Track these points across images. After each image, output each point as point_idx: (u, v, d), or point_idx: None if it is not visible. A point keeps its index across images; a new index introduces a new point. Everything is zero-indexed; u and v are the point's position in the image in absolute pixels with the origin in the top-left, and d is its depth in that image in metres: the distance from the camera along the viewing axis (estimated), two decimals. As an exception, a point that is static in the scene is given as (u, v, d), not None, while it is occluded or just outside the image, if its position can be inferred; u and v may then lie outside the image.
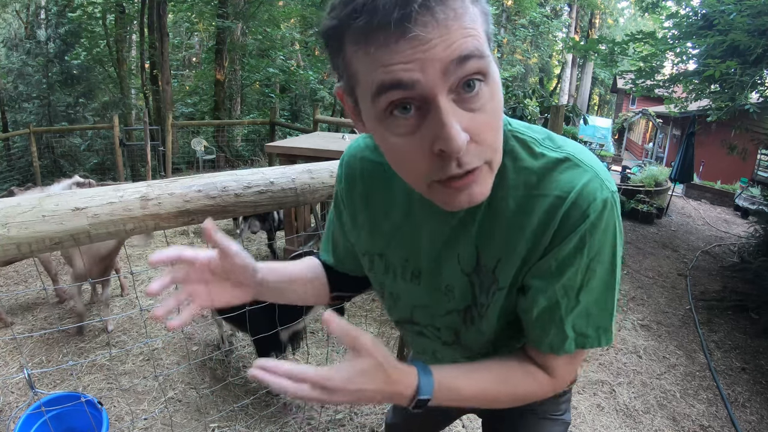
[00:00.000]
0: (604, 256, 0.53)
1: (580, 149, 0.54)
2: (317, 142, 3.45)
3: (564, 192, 0.51)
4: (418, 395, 0.52)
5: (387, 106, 0.42)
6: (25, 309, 2.90)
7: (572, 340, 0.56)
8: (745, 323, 3.49)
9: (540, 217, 0.52)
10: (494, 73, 0.44)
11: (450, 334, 0.68)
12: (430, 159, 0.44)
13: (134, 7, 9.36)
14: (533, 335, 0.59)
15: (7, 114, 8.72)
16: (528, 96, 5.52)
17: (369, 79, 0.42)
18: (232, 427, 1.94)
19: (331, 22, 0.42)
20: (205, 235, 0.56)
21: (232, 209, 0.94)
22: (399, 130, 0.44)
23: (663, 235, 5.98)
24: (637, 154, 17.10)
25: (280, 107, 10.95)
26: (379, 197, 0.66)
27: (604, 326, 0.57)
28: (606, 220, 0.51)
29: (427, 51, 0.39)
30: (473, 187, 0.46)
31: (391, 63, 0.40)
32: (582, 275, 0.53)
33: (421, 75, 0.40)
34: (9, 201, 0.72)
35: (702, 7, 5.42)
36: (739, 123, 6.23)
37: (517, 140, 0.55)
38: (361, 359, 0.49)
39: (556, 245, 0.52)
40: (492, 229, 0.56)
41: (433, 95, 0.40)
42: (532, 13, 16.35)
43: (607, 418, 2.26)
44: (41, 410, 1.54)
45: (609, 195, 0.51)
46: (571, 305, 0.55)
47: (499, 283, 0.58)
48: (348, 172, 0.69)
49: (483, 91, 0.43)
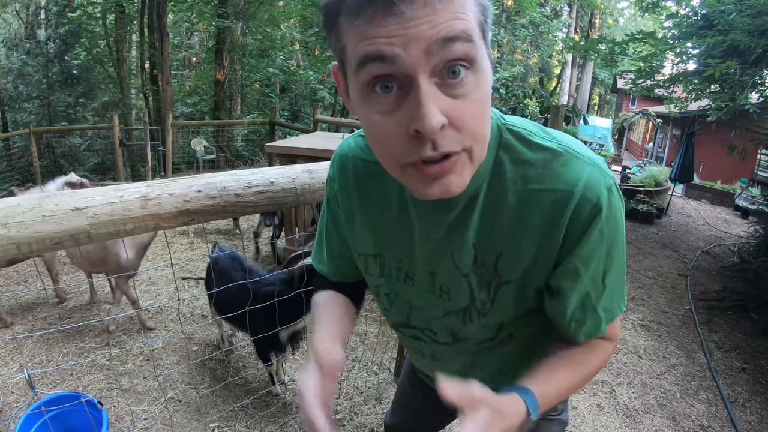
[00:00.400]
0: (618, 240, 0.55)
1: (573, 141, 0.54)
2: (317, 142, 3.45)
3: (569, 186, 0.51)
4: (530, 417, 0.52)
5: (369, 81, 0.42)
6: (25, 309, 2.90)
7: (603, 320, 0.59)
8: (745, 323, 3.49)
9: (546, 213, 0.52)
10: (483, 62, 0.43)
11: (447, 335, 0.68)
12: (406, 140, 0.43)
13: (134, 7, 9.36)
14: (570, 330, 0.60)
15: (7, 114, 8.71)
16: (528, 96, 5.52)
17: (354, 51, 0.42)
18: (232, 427, 1.94)
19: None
20: (326, 372, 0.55)
21: (232, 209, 0.94)
22: (379, 108, 0.43)
23: (663, 235, 5.98)
24: (637, 154, 17.10)
25: (280, 107, 10.96)
26: (372, 197, 0.65)
27: (622, 294, 0.61)
28: (615, 208, 0.52)
29: (412, 28, 0.39)
30: (449, 177, 0.45)
31: (374, 36, 0.40)
32: (604, 262, 0.55)
33: (402, 51, 0.39)
34: (9, 201, 0.72)
35: (702, 7, 5.42)
36: (739, 123, 6.23)
37: (512, 133, 0.54)
38: (480, 412, 0.47)
39: (575, 243, 0.52)
40: (491, 224, 0.55)
41: (414, 73, 0.40)
42: (532, 13, 16.33)
43: (607, 418, 2.26)
44: (41, 410, 1.54)
45: (611, 182, 0.52)
46: (599, 291, 0.57)
47: (503, 278, 0.57)
48: (341, 172, 0.68)
49: (468, 78, 0.42)
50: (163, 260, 3.73)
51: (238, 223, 4.57)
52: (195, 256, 3.86)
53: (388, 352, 2.50)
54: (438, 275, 0.62)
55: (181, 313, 2.91)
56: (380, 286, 0.71)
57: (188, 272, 3.54)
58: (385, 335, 2.64)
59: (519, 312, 0.62)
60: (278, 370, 2.18)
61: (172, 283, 3.28)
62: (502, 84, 5.78)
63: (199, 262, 3.61)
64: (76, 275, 3.47)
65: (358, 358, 2.47)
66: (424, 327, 0.70)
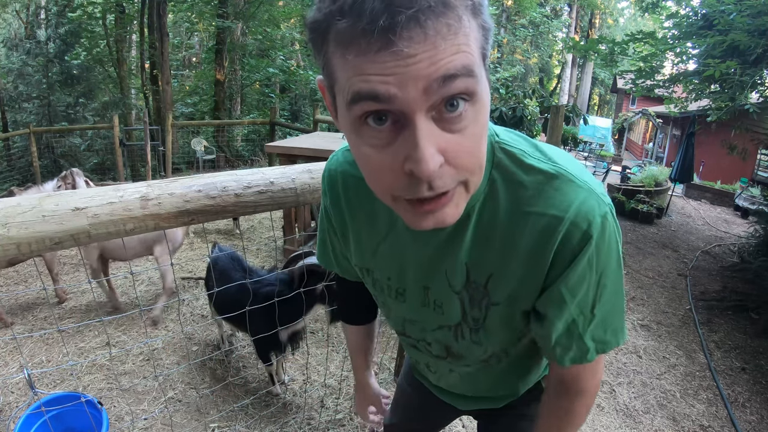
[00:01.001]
0: (611, 270, 0.53)
1: (570, 162, 0.52)
2: (317, 142, 3.45)
3: (561, 211, 0.49)
4: None
5: (362, 115, 0.39)
6: (25, 309, 2.90)
7: (593, 350, 0.57)
8: (745, 323, 3.49)
9: (536, 237, 0.51)
10: (482, 93, 0.41)
11: (441, 349, 0.69)
12: (400, 176, 0.41)
13: (134, 7, 9.36)
14: (555, 354, 0.59)
15: (7, 114, 8.72)
16: (528, 96, 5.52)
17: (346, 84, 0.39)
18: (232, 427, 1.94)
19: (317, 15, 0.39)
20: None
21: (232, 209, 0.94)
22: (372, 141, 0.41)
23: (663, 235, 5.98)
24: (637, 154, 17.10)
25: (280, 107, 10.96)
26: (362, 214, 0.64)
27: (619, 327, 0.58)
28: (608, 237, 0.50)
29: (410, 66, 0.36)
30: (444, 209, 0.43)
31: (369, 73, 0.37)
32: (594, 291, 0.53)
33: (399, 90, 0.36)
34: (9, 201, 0.72)
35: (702, 7, 5.42)
36: (739, 123, 6.23)
37: (505, 152, 0.53)
38: None
39: (563, 270, 0.51)
40: (483, 244, 0.55)
41: (411, 112, 0.37)
42: (532, 13, 16.34)
43: (607, 418, 2.26)
44: (41, 410, 1.54)
45: (607, 209, 0.50)
46: (588, 320, 0.55)
47: (492, 298, 0.57)
48: (331, 187, 0.67)
49: (467, 112, 0.39)
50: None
51: (238, 223, 4.57)
52: (195, 256, 3.86)
53: (388, 352, 2.50)
54: (431, 290, 0.62)
55: (181, 313, 2.91)
56: (376, 296, 0.72)
57: (188, 272, 3.54)
58: (385, 335, 2.64)
59: (509, 334, 0.62)
60: (278, 370, 2.18)
61: (172, 282, 3.27)
62: (502, 84, 5.78)
63: (199, 262, 3.61)
64: (76, 275, 3.47)
65: (358, 358, 2.47)
66: (419, 338, 0.70)
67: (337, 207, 0.67)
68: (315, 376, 2.31)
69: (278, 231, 4.04)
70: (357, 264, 0.70)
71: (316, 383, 2.25)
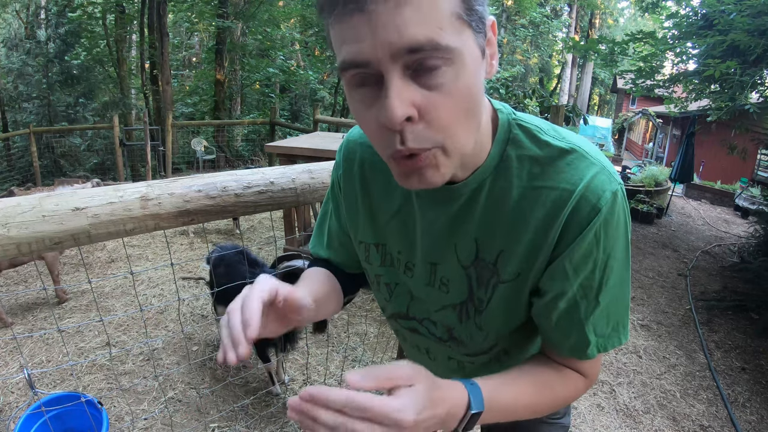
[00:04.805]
0: (618, 252, 0.52)
1: (584, 141, 0.53)
2: (317, 142, 3.45)
3: (572, 185, 0.49)
4: (470, 410, 0.48)
5: (351, 79, 0.43)
6: (25, 309, 2.90)
7: (594, 345, 0.56)
8: (745, 323, 3.49)
9: (546, 210, 0.51)
10: (463, 54, 0.41)
11: (444, 331, 0.67)
12: (382, 132, 0.43)
13: (134, 7, 9.36)
14: (553, 339, 0.58)
15: (7, 114, 8.72)
16: (528, 96, 5.53)
17: (338, 54, 0.43)
18: (232, 427, 1.94)
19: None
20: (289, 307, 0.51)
21: (232, 209, 0.94)
22: (362, 101, 0.44)
23: (663, 235, 5.98)
24: (637, 154, 17.10)
25: (280, 107, 10.96)
26: (376, 185, 0.65)
27: (623, 322, 0.57)
28: (617, 214, 0.50)
29: (377, 32, 0.38)
30: (424, 171, 0.45)
31: (347, 40, 0.40)
32: (600, 273, 0.52)
33: (371, 55, 0.39)
34: (9, 201, 0.72)
35: (702, 7, 5.42)
36: (739, 123, 6.22)
37: (521, 128, 0.54)
38: (412, 388, 0.43)
39: (569, 244, 0.51)
40: (494, 220, 0.55)
41: (385, 71, 0.40)
42: (532, 13, 16.34)
43: (607, 418, 2.26)
44: (41, 410, 1.54)
45: (618, 187, 0.50)
46: (591, 307, 0.54)
47: (501, 276, 0.57)
48: (347, 157, 0.68)
49: (444, 70, 0.40)
50: (163, 260, 3.73)
51: (238, 223, 4.57)
52: (195, 256, 3.86)
53: (388, 353, 2.50)
54: (439, 266, 0.61)
55: (181, 313, 2.91)
56: (380, 276, 0.70)
57: (188, 272, 3.54)
58: (385, 335, 2.64)
59: (512, 321, 0.61)
60: (278, 370, 2.19)
61: (172, 283, 3.28)
62: (502, 84, 5.79)
63: (199, 262, 3.61)
64: (76, 275, 3.47)
65: (358, 358, 2.47)
66: (423, 317, 0.69)
67: (350, 178, 0.68)
68: (315, 376, 2.31)
69: (278, 231, 4.04)
70: (364, 240, 0.69)
71: (316, 383, 2.25)
